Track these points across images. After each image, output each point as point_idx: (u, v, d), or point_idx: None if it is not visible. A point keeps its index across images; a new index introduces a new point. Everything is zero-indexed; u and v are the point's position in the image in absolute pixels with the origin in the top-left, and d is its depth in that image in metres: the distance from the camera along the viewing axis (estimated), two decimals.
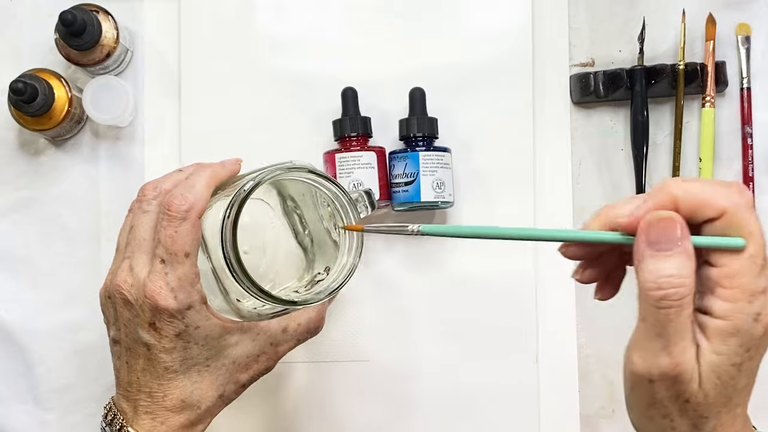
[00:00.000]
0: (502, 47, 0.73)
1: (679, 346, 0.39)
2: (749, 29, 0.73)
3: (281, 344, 0.57)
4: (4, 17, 0.74)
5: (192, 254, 0.52)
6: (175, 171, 0.57)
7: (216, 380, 0.55)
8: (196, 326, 0.53)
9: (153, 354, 0.53)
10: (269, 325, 0.57)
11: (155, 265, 0.52)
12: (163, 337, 0.52)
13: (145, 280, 0.52)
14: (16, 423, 0.72)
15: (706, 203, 0.40)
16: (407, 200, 0.68)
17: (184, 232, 0.52)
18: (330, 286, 0.54)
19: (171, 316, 0.52)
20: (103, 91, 0.70)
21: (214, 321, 0.53)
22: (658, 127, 0.73)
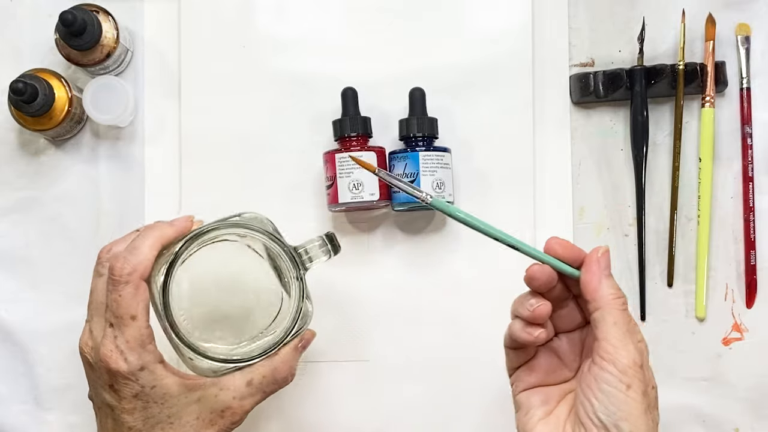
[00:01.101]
0: (502, 47, 0.73)
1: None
2: (749, 29, 0.73)
3: (246, 398, 0.57)
4: (4, 17, 0.74)
5: (139, 316, 0.53)
6: (132, 232, 0.59)
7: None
8: (152, 386, 0.54)
9: (116, 414, 0.54)
10: (233, 379, 0.56)
11: (106, 329, 0.54)
12: (122, 398, 0.54)
13: (99, 344, 0.54)
14: (16, 423, 0.72)
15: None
16: (407, 200, 0.68)
17: (127, 295, 0.53)
18: (267, 341, 0.56)
19: (124, 378, 0.53)
20: (103, 91, 0.70)
21: (171, 380, 0.54)
22: (657, 127, 0.73)
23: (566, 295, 0.54)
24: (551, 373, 0.54)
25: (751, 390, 0.72)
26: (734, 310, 0.72)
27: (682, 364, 0.72)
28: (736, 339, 0.72)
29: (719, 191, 0.73)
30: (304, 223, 0.72)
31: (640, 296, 0.72)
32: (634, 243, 0.72)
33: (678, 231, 0.72)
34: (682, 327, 0.72)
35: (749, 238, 0.72)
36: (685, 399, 0.72)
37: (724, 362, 0.72)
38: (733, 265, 0.72)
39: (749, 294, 0.72)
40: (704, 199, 0.72)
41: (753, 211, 0.72)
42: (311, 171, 0.72)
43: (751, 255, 0.72)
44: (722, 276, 0.72)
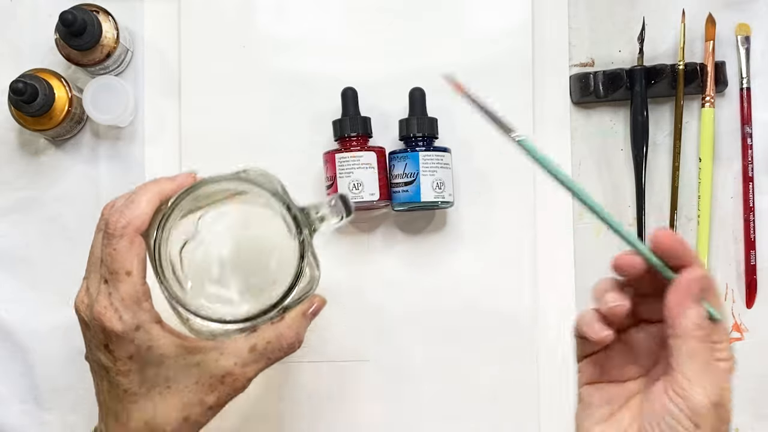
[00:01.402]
0: (502, 47, 0.73)
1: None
2: (749, 29, 0.73)
3: (249, 365, 0.53)
4: (4, 17, 0.74)
5: (135, 272, 0.51)
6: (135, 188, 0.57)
7: (179, 402, 0.52)
8: (148, 346, 0.51)
9: (111, 376, 0.52)
10: (235, 344, 0.53)
11: (101, 285, 0.51)
12: (117, 359, 0.52)
13: (94, 300, 0.51)
14: (16, 423, 0.72)
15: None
16: (407, 200, 0.68)
17: (122, 249, 0.50)
18: (266, 302, 0.52)
19: (119, 337, 0.51)
20: (103, 91, 0.70)
21: (168, 340, 0.52)
22: (657, 127, 0.73)
23: (657, 286, 0.47)
24: (619, 369, 0.49)
25: (751, 390, 0.72)
26: (734, 310, 0.72)
27: None
28: (736, 339, 0.72)
29: (719, 191, 0.73)
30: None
31: None
32: None
33: (678, 231, 0.72)
34: None
35: (749, 238, 0.72)
36: None
37: None
38: (733, 265, 0.72)
39: (749, 294, 0.72)
40: (704, 199, 0.72)
41: (753, 211, 0.72)
42: (311, 171, 0.72)
43: (751, 255, 0.72)
44: (722, 276, 0.72)
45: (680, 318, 0.45)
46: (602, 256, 0.73)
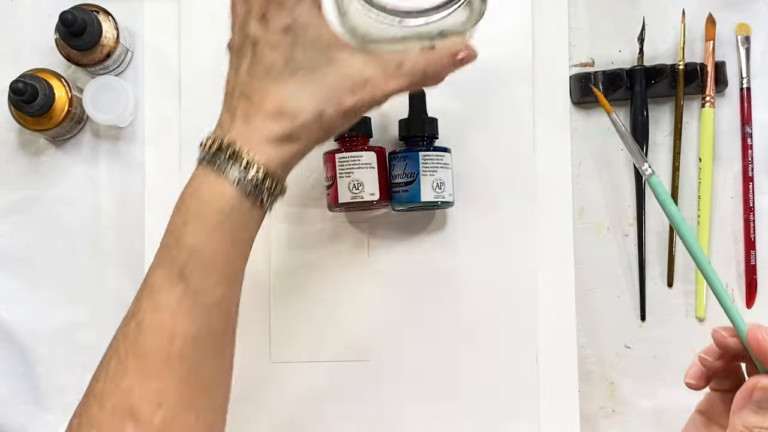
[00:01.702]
0: (502, 47, 0.73)
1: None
2: (749, 29, 0.73)
3: (392, 78, 0.51)
4: (4, 17, 0.74)
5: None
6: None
7: (318, 93, 0.51)
8: (306, 24, 0.50)
9: (258, 50, 0.51)
10: (383, 54, 0.52)
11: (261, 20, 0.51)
12: (270, 30, 0.50)
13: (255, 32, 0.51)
14: (16, 423, 0.72)
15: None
16: (407, 200, 0.68)
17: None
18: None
19: (280, 5, 0.50)
20: (103, 91, 0.70)
21: (325, 27, 0.51)
22: (657, 127, 0.73)
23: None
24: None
25: None
26: None
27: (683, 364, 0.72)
28: None
29: (719, 191, 0.73)
30: (305, 224, 0.72)
31: (640, 296, 0.72)
32: (634, 243, 0.72)
33: None
34: (683, 327, 0.72)
35: (749, 238, 0.72)
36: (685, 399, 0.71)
37: None
38: (733, 265, 0.72)
39: (749, 294, 0.72)
40: (704, 199, 0.72)
41: (753, 211, 0.72)
42: (311, 171, 0.72)
43: (751, 255, 0.72)
44: (722, 276, 0.72)
45: (735, 415, 0.48)
46: (602, 256, 0.73)
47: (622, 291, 0.72)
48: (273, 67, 0.51)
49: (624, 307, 0.72)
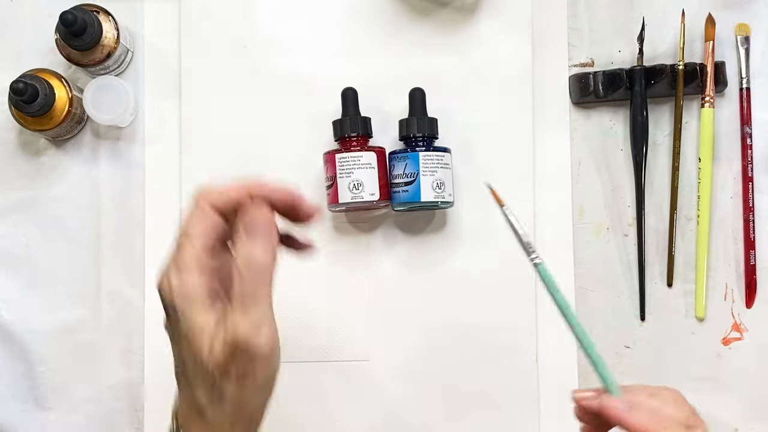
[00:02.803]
0: (502, 47, 0.73)
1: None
2: (749, 29, 0.73)
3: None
4: (4, 17, 0.74)
5: (194, 235, 0.49)
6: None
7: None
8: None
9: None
10: None
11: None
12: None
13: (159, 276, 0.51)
14: (16, 423, 0.72)
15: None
16: (407, 200, 0.68)
17: (192, 214, 0.50)
18: None
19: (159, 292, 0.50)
20: (103, 91, 0.70)
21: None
22: (657, 127, 0.73)
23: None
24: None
25: (751, 390, 0.72)
26: (734, 310, 0.72)
27: (682, 364, 0.72)
28: (735, 339, 0.72)
29: (719, 191, 0.73)
30: None
31: (640, 296, 0.72)
32: (634, 243, 0.72)
33: (678, 231, 0.72)
34: (682, 327, 0.72)
35: (749, 238, 0.72)
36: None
37: (724, 362, 0.72)
38: (732, 265, 0.72)
39: (749, 294, 0.72)
40: (704, 199, 0.72)
41: (753, 211, 0.72)
42: (311, 171, 0.72)
43: (751, 255, 0.72)
44: (722, 276, 0.72)
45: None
46: (602, 256, 0.73)
47: (621, 291, 0.73)
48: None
49: (624, 307, 0.73)
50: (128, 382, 0.72)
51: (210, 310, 0.47)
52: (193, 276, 0.47)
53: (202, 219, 0.49)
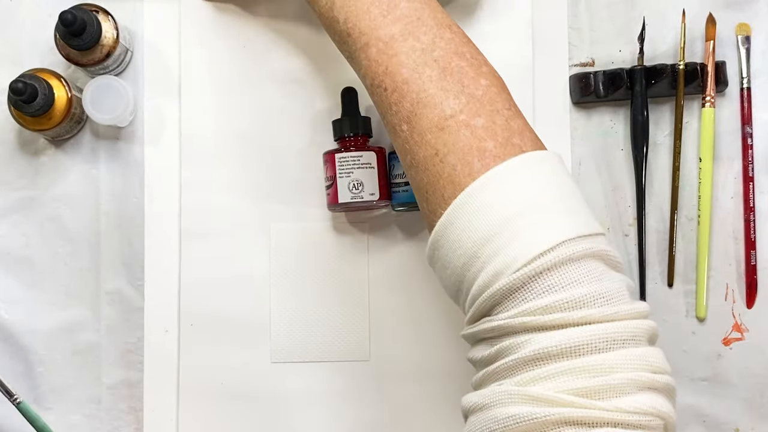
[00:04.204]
0: (502, 47, 0.73)
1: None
2: (749, 29, 0.73)
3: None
4: (4, 17, 0.74)
5: None
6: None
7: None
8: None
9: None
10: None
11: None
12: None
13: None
14: (16, 423, 0.72)
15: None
16: (407, 200, 0.68)
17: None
18: None
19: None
20: (103, 91, 0.70)
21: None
22: (658, 127, 0.73)
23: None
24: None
25: (751, 390, 0.72)
26: (734, 310, 0.72)
27: (683, 364, 0.72)
28: (736, 339, 0.72)
29: (719, 191, 0.73)
30: (305, 224, 0.72)
31: (640, 296, 0.72)
32: (634, 243, 0.72)
33: (678, 231, 0.72)
34: (683, 327, 0.72)
35: (749, 238, 0.72)
36: (685, 399, 0.72)
37: (724, 362, 0.72)
38: (733, 265, 0.72)
39: (749, 294, 0.72)
40: (704, 199, 0.72)
41: (753, 211, 0.72)
42: (311, 171, 0.72)
43: (752, 255, 0.72)
44: (722, 276, 0.72)
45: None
46: None
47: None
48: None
49: None
50: (128, 382, 0.72)
51: None
52: None
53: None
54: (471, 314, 0.48)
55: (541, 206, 0.47)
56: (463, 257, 0.47)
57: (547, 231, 0.46)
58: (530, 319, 0.44)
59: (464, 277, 0.48)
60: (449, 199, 0.49)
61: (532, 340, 0.44)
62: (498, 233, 0.46)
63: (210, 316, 0.72)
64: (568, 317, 0.44)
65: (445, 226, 0.48)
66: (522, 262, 0.45)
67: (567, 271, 0.45)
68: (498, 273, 0.46)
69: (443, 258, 0.49)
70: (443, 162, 0.49)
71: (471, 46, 0.53)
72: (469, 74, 0.51)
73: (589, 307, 0.44)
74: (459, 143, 0.49)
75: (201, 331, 0.72)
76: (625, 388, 0.43)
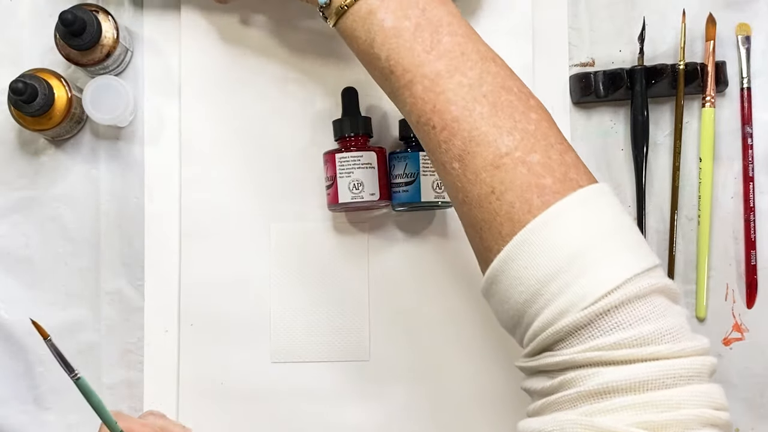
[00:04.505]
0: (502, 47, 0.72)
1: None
2: (749, 29, 0.73)
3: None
4: (4, 17, 0.74)
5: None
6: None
7: None
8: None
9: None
10: None
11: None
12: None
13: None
14: (16, 423, 0.72)
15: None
16: (407, 200, 0.68)
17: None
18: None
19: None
20: (103, 91, 0.70)
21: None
22: (658, 127, 0.73)
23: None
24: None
25: (751, 390, 0.72)
26: (735, 310, 0.72)
27: None
28: (736, 339, 0.72)
29: (720, 191, 0.73)
30: (305, 224, 0.72)
31: None
32: None
33: (678, 231, 0.72)
34: None
35: (750, 238, 0.72)
36: None
37: (724, 362, 0.72)
38: (733, 265, 0.72)
39: (750, 294, 0.72)
40: (704, 199, 0.72)
41: (753, 211, 0.72)
42: (311, 171, 0.72)
43: (752, 255, 0.72)
44: (723, 276, 0.72)
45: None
46: None
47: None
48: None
49: None
50: (128, 382, 0.72)
51: None
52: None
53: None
54: (531, 348, 0.48)
55: (603, 242, 0.47)
56: (525, 293, 0.47)
57: (612, 268, 0.46)
58: (598, 354, 0.45)
59: (525, 313, 0.48)
60: (507, 236, 0.48)
61: (598, 373, 0.45)
62: (562, 271, 0.46)
63: (210, 316, 0.72)
64: (636, 353, 0.44)
65: (505, 262, 0.48)
66: (589, 301, 0.45)
67: (633, 308, 0.45)
68: (564, 311, 0.46)
69: (502, 293, 0.49)
70: (500, 200, 0.49)
71: (516, 78, 0.53)
72: (519, 109, 0.51)
73: (657, 344, 0.45)
74: (516, 181, 0.49)
75: (201, 331, 0.72)
76: (690, 423, 0.44)
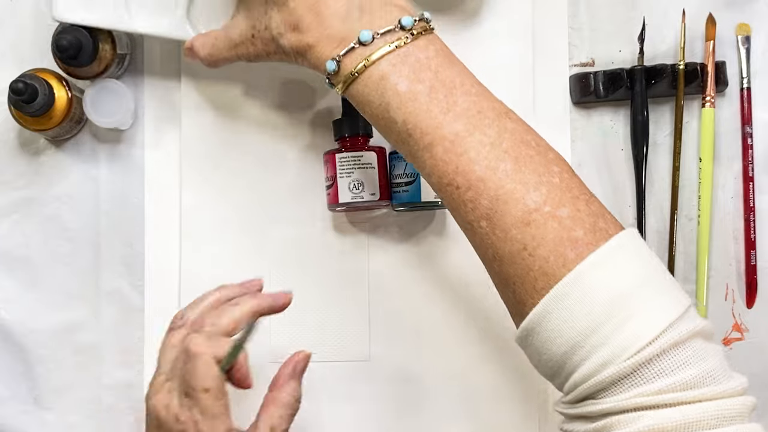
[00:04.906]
0: (502, 47, 0.73)
1: None
2: (749, 29, 0.73)
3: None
4: (4, 17, 0.74)
5: (213, 388, 0.54)
6: (213, 294, 0.61)
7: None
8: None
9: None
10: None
11: (182, 397, 0.54)
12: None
13: (177, 409, 0.55)
14: (16, 423, 0.72)
15: None
16: (407, 200, 0.68)
17: (200, 367, 0.54)
18: None
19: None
20: (103, 94, 0.70)
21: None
22: (658, 127, 0.73)
23: None
24: None
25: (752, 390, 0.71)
26: (734, 310, 0.72)
27: None
28: (736, 339, 0.72)
29: (719, 191, 0.73)
30: (305, 224, 0.72)
31: None
32: None
33: (678, 231, 0.72)
34: None
35: (749, 238, 0.72)
36: None
37: None
38: (733, 265, 0.72)
39: (750, 294, 0.72)
40: (704, 199, 0.72)
41: (753, 211, 0.72)
42: (311, 171, 0.72)
43: (752, 255, 0.72)
44: (722, 276, 0.72)
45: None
46: None
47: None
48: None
49: None
50: (128, 382, 0.72)
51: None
52: (227, 424, 0.55)
53: (210, 372, 0.54)
54: (573, 396, 0.48)
55: (639, 289, 0.47)
56: (564, 346, 0.47)
57: (650, 317, 0.46)
58: (642, 400, 0.45)
59: (565, 364, 0.48)
60: (543, 290, 0.48)
61: (643, 416, 0.45)
62: (602, 323, 0.46)
63: None
64: (680, 397, 0.45)
65: (542, 315, 0.48)
66: (631, 352, 0.45)
67: (675, 354, 0.46)
68: (606, 362, 0.46)
69: (539, 344, 0.49)
70: (533, 255, 0.49)
71: (532, 131, 0.53)
72: (541, 162, 0.51)
73: (699, 387, 0.45)
74: (548, 236, 0.48)
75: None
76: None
